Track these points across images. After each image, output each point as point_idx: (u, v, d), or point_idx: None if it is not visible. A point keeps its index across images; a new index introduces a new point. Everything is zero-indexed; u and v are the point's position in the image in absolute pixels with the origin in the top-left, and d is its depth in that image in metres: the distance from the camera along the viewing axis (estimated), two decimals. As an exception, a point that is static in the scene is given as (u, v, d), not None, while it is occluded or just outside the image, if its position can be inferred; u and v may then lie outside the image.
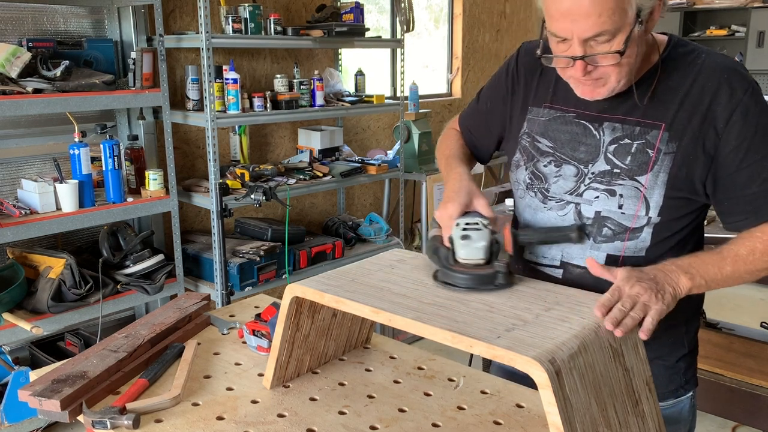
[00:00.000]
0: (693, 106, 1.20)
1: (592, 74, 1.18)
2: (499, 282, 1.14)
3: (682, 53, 1.25)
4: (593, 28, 1.10)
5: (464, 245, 1.17)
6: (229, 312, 1.67)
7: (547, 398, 0.88)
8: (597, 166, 1.27)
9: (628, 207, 1.24)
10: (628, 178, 1.24)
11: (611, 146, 1.26)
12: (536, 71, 1.38)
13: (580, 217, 1.29)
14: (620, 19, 1.10)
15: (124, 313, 3.29)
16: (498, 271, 1.14)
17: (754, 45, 5.96)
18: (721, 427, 2.96)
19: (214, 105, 3.00)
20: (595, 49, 1.14)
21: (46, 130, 2.94)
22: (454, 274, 1.15)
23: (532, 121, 1.38)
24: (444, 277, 1.17)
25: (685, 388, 1.38)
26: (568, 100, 1.31)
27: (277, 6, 3.74)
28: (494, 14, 5.43)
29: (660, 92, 1.23)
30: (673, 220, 1.26)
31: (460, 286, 1.14)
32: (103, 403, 1.24)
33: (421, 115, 4.24)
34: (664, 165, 1.22)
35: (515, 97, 1.43)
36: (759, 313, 3.68)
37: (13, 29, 2.80)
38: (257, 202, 2.94)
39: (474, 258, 1.16)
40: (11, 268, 2.62)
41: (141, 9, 3.06)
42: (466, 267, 1.16)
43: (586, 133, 1.29)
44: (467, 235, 1.18)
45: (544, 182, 1.34)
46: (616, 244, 1.27)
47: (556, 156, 1.33)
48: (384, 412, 1.22)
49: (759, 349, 2.62)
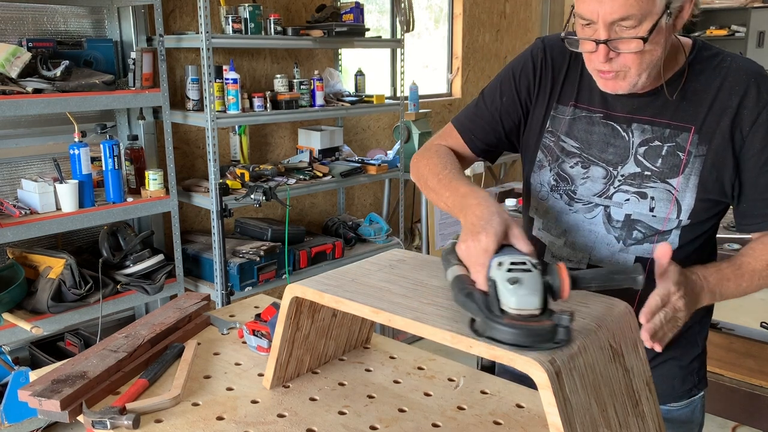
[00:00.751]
0: (722, 108, 1.20)
1: (613, 64, 1.16)
2: (560, 338, 0.92)
3: (707, 56, 1.24)
4: (620, 10, 1.09)
5: (514, 292, 0.92)
6: (229, 312, 1.67)
7: (547, 398, 0.88)
8: (627, 168, 1.26)
9: (660, 210, 1.24)
10: (660, 180, 1.23)
11: (641, 148, 1.25)
12: (562, 68, 1.34)
13: (609, 219, 1.28)
14: (648, 5, 1.09)
15: (124, 313, 3.29)
16: (558, 325, 0.91)
17: (754, 45, 5.96)
18: (721, 427, 2.96)
19: (214, 105, 3.00)
20: (620, 34, 1.12)
21: (46, 130, 2.94)
22: (503, 328, 0.91)
23: (556, 119, 1.34)
24: (489, 331, 0.93)
25: (698, 388, 1.39)
26: (594, 100, 1.29)
27: (277, 6, 3.74)
28: (494, 14, 5.43)
29: (689, 94, 1.23)
30: (701, 222, 1.26)
31: (512, 343, 0.91)
32: (103, 403, 1.24)
33: (421, 115, 4.24)
34: (695, 168, 1.21)
35: (540, 92, 1.36)
36: (759, 313, 3.67)
37: (13, 29, 2.80)
38: (257, 202, 2.94)
39: (528, 308, 0.92)
40: (11, 268, 2.62)
41: (141, 9, 3.06)
42: (517, 319, 0.92)
43: (615, 134, 1.28)
44: (516, 279, 0.93)
45: (571, 184, 1.32)
46: (645, 247, 1.27)
47: (582, 157, 1.30)
48: (384, 412, 1.21)
49: (759, 349, 2.63)
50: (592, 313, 1.05)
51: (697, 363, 1.38)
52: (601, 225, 1.29)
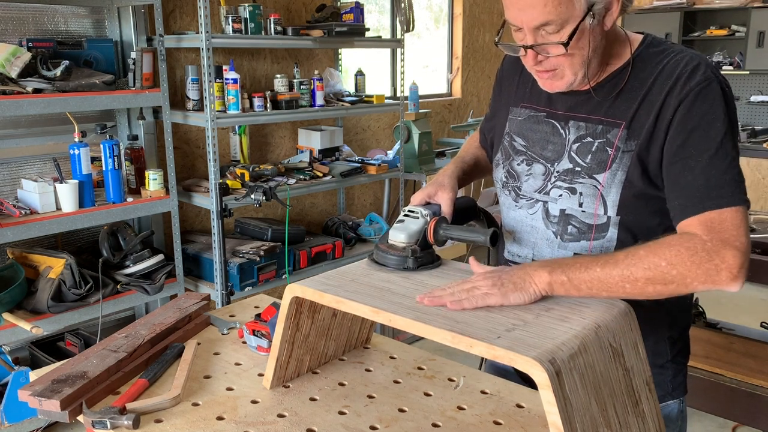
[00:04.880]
0: (651, 103, 1.20)
1: (544, 65, 1.20)
2: (407, 265, 1.22)
3: (653, 52, 1.24)
4: (539, 17, 1.13)
5: (395, 228, 1.26)
6: (229, 312, 1.67)
7: (547, 398, 0.88)
8: (561, 165, 1.29)
9: (588, 205, 1.25)
10: (587, 176, 1.25)
11: (575, 145, 1.28)
12: (517, 72, 1.40)
13: (547, 215, 1.31)
14: (567, 10, 1.12)
15: (124, 313, 3.29)
16: (408, 256, 1.22)
17: (754, 45, 5.96)
18: (721, 427, 2.96)
19: (214, 105, 3.00)
20: (545, 38, 1.16)
21: (46, 130, 2.94)
22: (377, 252, 1.25)
23: (512, 120, 1.41)
24: (375, 255, 1.27)
25: (672, 395, 1.35)
26: (540, 100, 1.34)
27: (277, 6, 3.74)
28: (494, 14, 5.43)
29: (625, 91, 1.23)
30: (640, 220, 1.24)
31: (379, 263, 1.24)
32: (103, 403, 1.24)
33: (421, 115, 4.24)
34: (623, 163, 1.21)
35: (502, 99, 1.46)
36: (759, 313, 3.67)
37: (13, 29, 2.80)
38: (257, 202, 2.94)
39: (396, 240, 1.24)
40: (11, 268, 2.62)
41: (141, 9, 3.06)
42: (392, 248, 1.24)
43: (554, 131, 1.31)
44: (402, 220, 1.27)
45: (517, 180, 1.36)
46: (583, 244, 1.27)
47: (528, 155, 1.35)
48: (384, 412, 1.21)
49: (759, 349, 2.62)
50: (592, 313, 1.06)
51: (669, 371, 1.34)
52: (541, 220, 1.32)
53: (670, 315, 1.32)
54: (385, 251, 1.24)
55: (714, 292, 1.25)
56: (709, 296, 1.42)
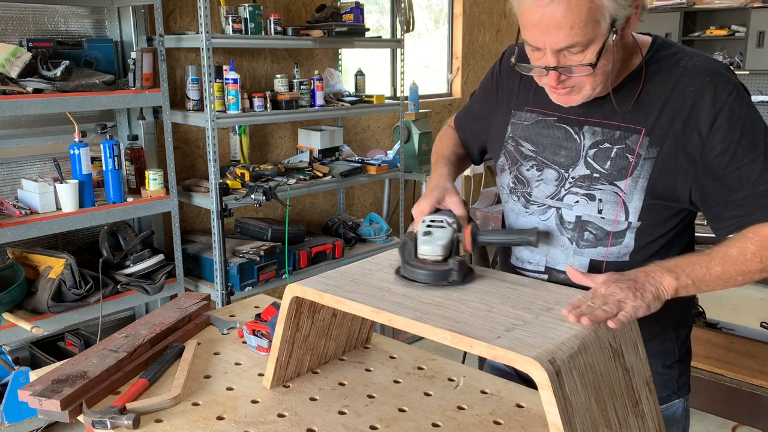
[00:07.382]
0: (675, 110, 1.18)
1: (566, 83, 1.17)
2: (452, 279, 1.16)
3: (665, 56, 1.23)
4: (565, 40, 1.09)
5: (425, 241, 1.19)
6: (229, 312, 1.67)
7: (547, 398, 0.88)
8: (577, 171, 1.27)
9: (608, 212, 1.23)
10: (608, 182, 1.23)
11: (591, 150, 1.25)
12: (517, 74, 1.36)
13: (561, 221, 1.28)
14: (592, 30, 1.09)
15: (124, 313, 3.29)
16: (452, 269, 1.16)
17: (754, 45, 5.96)
18: (721, 427, 2.96)
19: (214, 105, 3.00)
20: (569, 59, 1.13)
21: (46, 130, 2.94)
22: (411, 269, 1.18)
23: (515, 125, 1.38)
24: (404, 272, 1.20)
25: (677, 395, 1.36)
26: (548, 103, 1.30)
27: (277, 6, 3.74)
28: (494, 14, 5.43)
29: (642, 96, 1.22)
30: (656, 225, 1.24)
31: (416, 280, 1.17)
32: (103, 403, 1.24)
33: (421, 115, 4.24)
34: (644, 170, 1.20)
35: (499, 101, 1.42)
36: (759, 313, 3.67)
37: (13, 29, 2.80)
38: (257, 202, 2.94)
39: (432, 254, 1.18)
40: (11, 268, 2.62)
41: (141, 9, 3.06)
42: (425, 263, 1.18)
43: (567, 136, 1.29)
44: (429, 232, 1.21)
45: (527, 186, 1.33)
46: (599, 250, 1.26)
47: (538, 160, 1.32)
48: (384, 412, 1.22)
49: (759, 349, 2.62)
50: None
51: (676, 371, 1.35)
52: (554, 227, 1.30)
53: (678, 315, 1.33)
54: (420, 267, 1.17)
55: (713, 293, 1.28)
56: (709, 296, 1.43)
